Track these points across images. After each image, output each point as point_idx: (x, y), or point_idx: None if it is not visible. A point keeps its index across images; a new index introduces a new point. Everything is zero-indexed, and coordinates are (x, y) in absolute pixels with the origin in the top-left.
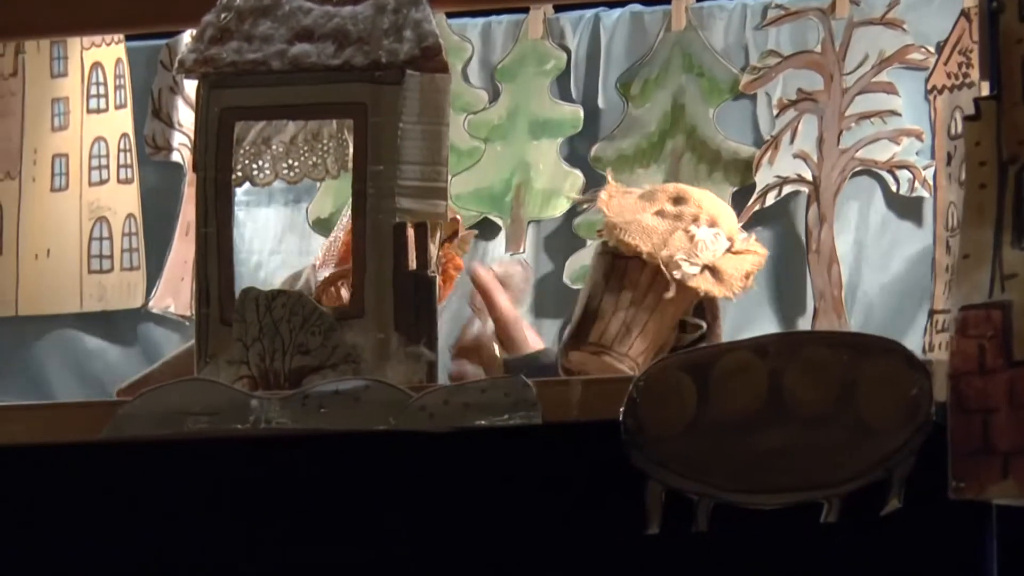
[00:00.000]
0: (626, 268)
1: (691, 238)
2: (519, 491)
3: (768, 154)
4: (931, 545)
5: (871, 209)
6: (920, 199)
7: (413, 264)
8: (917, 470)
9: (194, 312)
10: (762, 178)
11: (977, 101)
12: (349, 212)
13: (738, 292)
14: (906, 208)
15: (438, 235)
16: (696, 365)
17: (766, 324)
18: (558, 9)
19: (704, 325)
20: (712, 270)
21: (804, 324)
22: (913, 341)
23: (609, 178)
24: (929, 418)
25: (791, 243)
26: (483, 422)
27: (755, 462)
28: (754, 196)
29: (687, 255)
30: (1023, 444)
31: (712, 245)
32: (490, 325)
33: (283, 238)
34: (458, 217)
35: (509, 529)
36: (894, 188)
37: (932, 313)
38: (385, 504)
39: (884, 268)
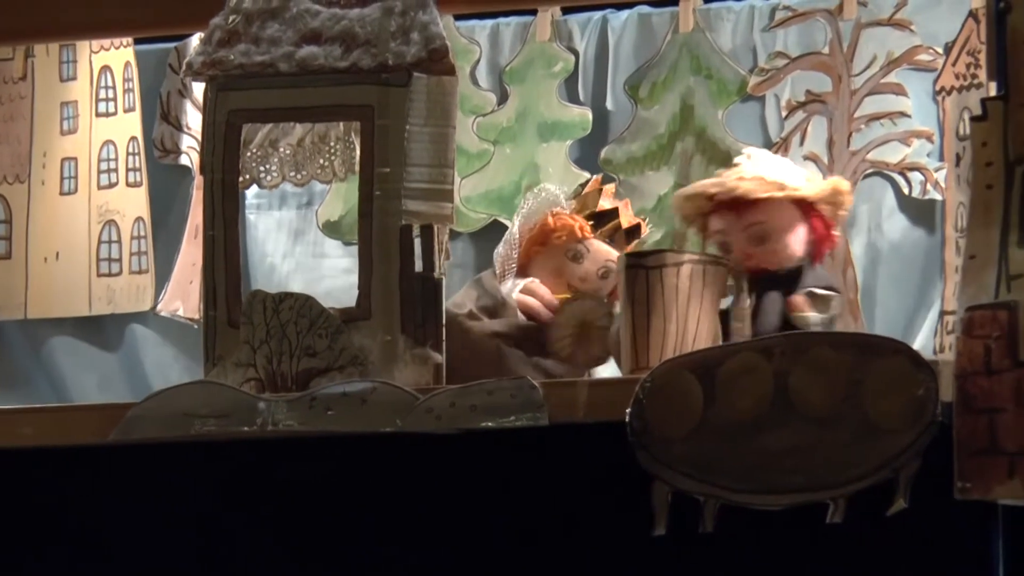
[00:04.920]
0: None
1: None
2: (525, 492)
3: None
4: (937, 545)
5: (883, 211)
6: (932, 202)
7: (420, 266)
8: (923, 470)
9: (202, 315)
10: None
11: (984, 102)
12: (518, 222)
13: None
14: (919, 211)
15: (446, 237)
16: (702, 366)
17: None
18: (566, 11)
19: None
20: None
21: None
22: (927, 343)
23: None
24: (935, 418)
25: None
26: (490, 424)
27: (761, 463)
28: None
29: None
30: None
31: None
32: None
33: (297, 241)
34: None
35: (516, 529)
36: (906, 190)
37: (943, 314)
38: (393, 505)
39: (898, 270)
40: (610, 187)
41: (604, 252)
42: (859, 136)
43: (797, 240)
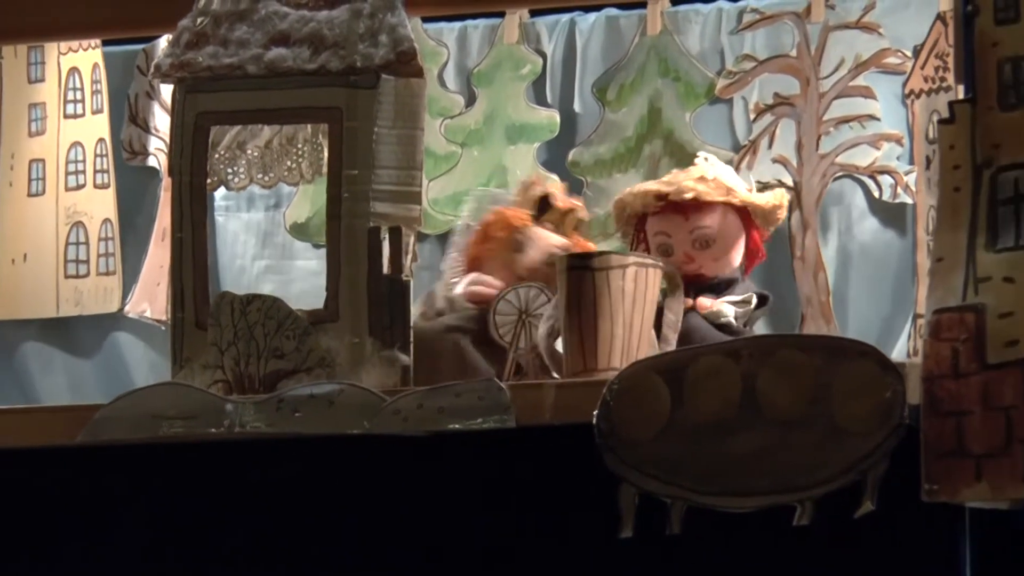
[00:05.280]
0: None
1: None
2: (492, 494)
3: (747, 159)
4: (905, 547)
5: (854, 214)
6: (903, 205)
7: (387, 268)
8: (890, 473)
9: (169, 316)
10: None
11: (951, 104)
12: (460, 227)
13: None
14: (890, 214)
15: (414, 239)
16: (670, 368)
17: (757, 329)
18: (534, 14)
19: None
20: None
21: (793, 331)
22: (900, 346)
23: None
24: (903, 421)
25: (776, 249)
26: (457, 425)
27: (729, 465)
28: None
29: None
30: (996, 447)
31: None
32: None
33: (265, 243)
34: (576, 206)
35: (483, 532)
36: (876, 194)
37: (915, 317)
38: (359, 506)
39: (870, 274)
40: (553, 179)
41: (547, 239)
42: (828, 139)
43: (737, 249)
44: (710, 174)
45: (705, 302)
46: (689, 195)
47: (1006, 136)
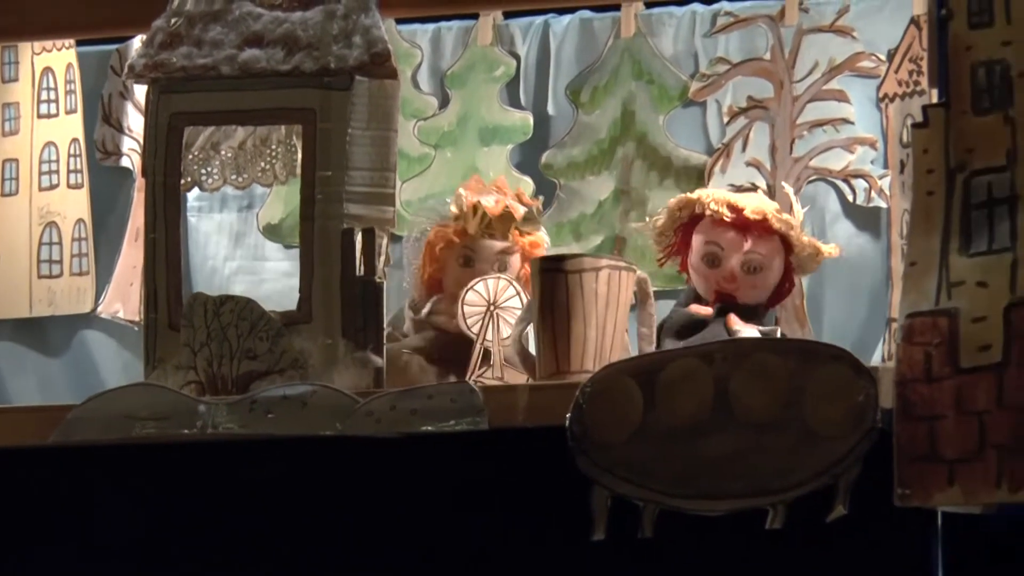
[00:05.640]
0: None
1: None
2: (465, 497)
3: (720, 162)
4: (877, 552)
5: (827, 218)
6: (877, 209)
7: (361, 270)
8: (863, 477)
9: (142, 317)
10: (715, 186)
11: (925, 108)
12: (410, 258)
13: None
14: (864, 218)
15: (387, 241)
16: (643, 371)
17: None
18: (508, 15)
19: None
20: None
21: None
22: (876, 351)
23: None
24: (875, 425)
25: None
26: (430, 427)
27: (701, 468)
28: None
29: None
30: (969, 451)
31: None
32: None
33: (238, 244)
34: (508, 207)
35: (455, 535)
36: (850, 198)
37: (890, 322)
38: (332, 507)
39: (844, 277)
40: (473, 180)
41: (492, 247)
42: (802, 142)
43: (774, 283)
44: (784, 212)
45: (737, 322)
46: (767, 219)
47: (979, 140)
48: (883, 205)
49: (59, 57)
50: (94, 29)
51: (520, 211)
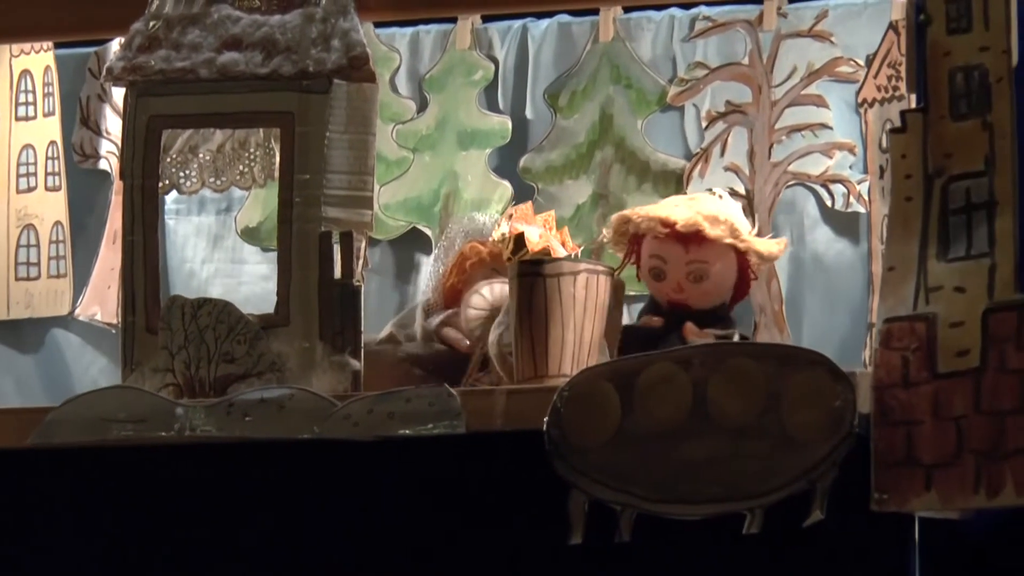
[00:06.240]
0: None
1: None
2: (443, 500)
3: (699, 167)
4: (854, 557)
5: (806, 223)
6: (856, 214)
7: (338, 273)
8: (840, 482)
9: (120, 320)
10: (693, 191)
11: (903, 114)
12: (439, 259)
13: None
14: (842, 223)
15: (364, 244)
16: (621, 375)
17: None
18: (486, 19)
19: None
20: None
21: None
22: (854, 355)
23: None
24: (852, 430)
25: None
26: (407, 431)
27: (679, 473)
28: None
29: None
30: (946, 456)
31: None
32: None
33: (216, 247)
34: (549, 247)
35: (433, 538)
36: (829, 203)
37: (870, 327)
38: (309, 510)
39: (823, 283)
40: (525, 207)
41: None
42: (780, 147)
43: (728, 285)
44: (723, 215)
45: (693, 328)
46: (699, 229)
47: (958, 146)
48: (862, 210)
49: (37, 59)
50: (72, 31)
51: (560, 253)
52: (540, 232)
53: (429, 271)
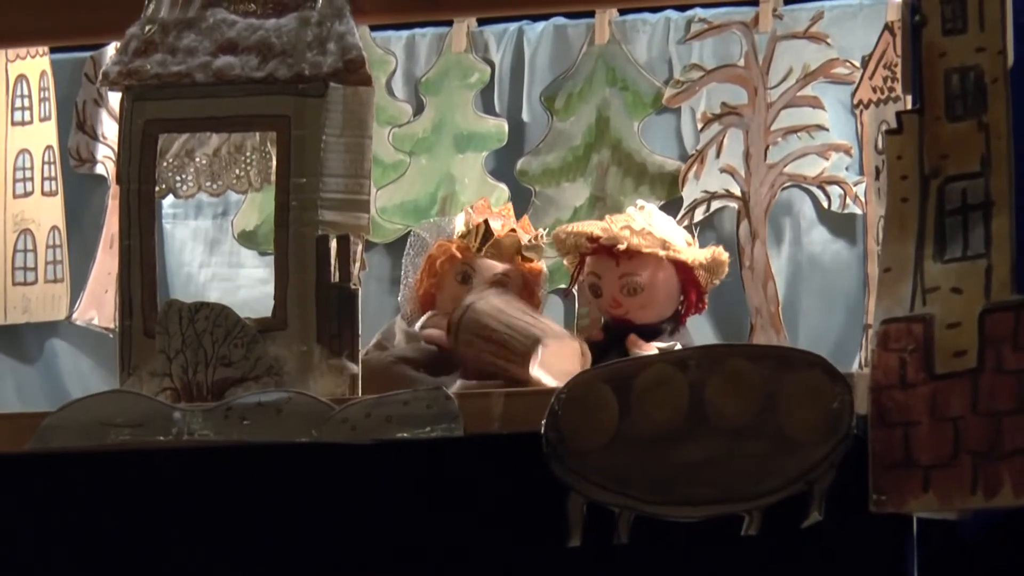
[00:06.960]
0: None
1: None
2: (440, 502)
3: (694, 168)
4: (852, 557)
5: (803, 224)
6: (852, 215)
7: (336, 276)
8: (838, 483)
9: (117, 324)
10: (689, 193)
11: (899, 114)
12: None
13: None
14: (839, 224)
15: (361, 248)
16: (618, 378)
17: (708, 341)
18: (482, 22)
19: None
20: None
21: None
22: (850, 356)
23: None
24: (850, 431)
25: None
26: (405, 434)
27: (676, 475)
28: (682, 211)
29: None
30: (943, 457)
31: None
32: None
33: (213, 251)
34: (514, 231)
35: (431, 540)
36: (825, 204)
37: (866, 328)
38: (307, 512)
39: (820, 284)
40: (481, 202)
41: (492, 267)
42: (776, 149)
43: (668, 300)
44: (638, 225)
45: (637, 340)
46: (622, 245)
47: (953, 146)
48: (858, 211)
49: (33, 64)
50: (68, 36)
51: (525, 238)
52: (502, 222)
53: (401, 286)
